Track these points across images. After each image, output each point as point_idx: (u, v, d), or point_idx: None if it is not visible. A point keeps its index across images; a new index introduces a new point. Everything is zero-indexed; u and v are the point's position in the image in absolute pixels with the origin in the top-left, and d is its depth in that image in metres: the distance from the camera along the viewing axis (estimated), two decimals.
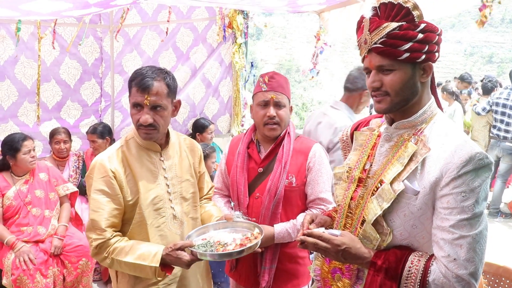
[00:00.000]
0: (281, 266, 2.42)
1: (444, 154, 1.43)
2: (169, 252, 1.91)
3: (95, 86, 4.98)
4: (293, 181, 2.37)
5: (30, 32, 4.32)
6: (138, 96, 1.96)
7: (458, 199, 1.37)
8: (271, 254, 2.40)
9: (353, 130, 1.91)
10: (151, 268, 1.91)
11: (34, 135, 4.31)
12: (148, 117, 1.96)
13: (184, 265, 1.91)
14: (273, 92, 2.39)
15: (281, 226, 2.35)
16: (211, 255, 1.92)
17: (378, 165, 1.63)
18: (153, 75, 1.96)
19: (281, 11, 4.30)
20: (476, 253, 1.37)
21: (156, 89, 1.96)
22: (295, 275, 2.46)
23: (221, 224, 2.22)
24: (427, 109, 1.55)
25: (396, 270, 1.45)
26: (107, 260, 1.97)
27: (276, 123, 2.39)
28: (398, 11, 1.45)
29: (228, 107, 5.62)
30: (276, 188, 2.35)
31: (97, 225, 1.96)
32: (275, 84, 2.40)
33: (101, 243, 1.96)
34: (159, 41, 5.09)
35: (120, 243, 1.97)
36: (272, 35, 46.45)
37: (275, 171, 2.37)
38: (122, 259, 1.94)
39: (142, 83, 1.94)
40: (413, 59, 1.46)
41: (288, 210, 2.41)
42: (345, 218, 1.71)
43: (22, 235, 3.55)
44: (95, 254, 2.00)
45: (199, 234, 2.15)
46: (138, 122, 1.99)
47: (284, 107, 2.41)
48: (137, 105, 1.98)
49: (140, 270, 1.94)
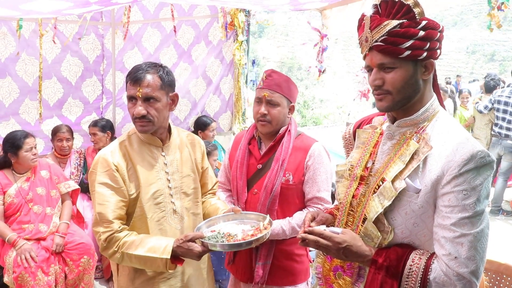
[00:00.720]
0: (277, 263, 2.43)
1: (446, 152, 1.42)
2: (180, 244, 1.91)
3: (96, 83, 4.98)
4: (290, 178, 2.38)
5: (31, 29, 4.33)
6: (131, 89, 2.00)
7: (459, 197, 1.37)
8: (265, 250, 2.41)
9: (356, 128, 1.91)
10: (162, 260, 1.91)
11: (36, 132, 4.32)
12: (141, 109, 1.99)
13: (195, 256, 1.92)
14: (267, 90, 2.40)
15: (276, 223, 2.36)
16: (221, 246, 1.92)
17: (380, 163, 1.62)
18: (146, 68, 2.01)
19: (283, 9, 4.29)
20: (477, 252, 1.36)
21: (148, 81, 1.99)
22: (291, 272, 2.47)
23: (230, 216, 2.22)
24: (429, 107, 1.55)
25: (397, 268, 1.45)
26: (117, 255, 1.97)
27: (266, 120, 2.40)
28: (399, 9, 1.44)
29: (229, 105, 5.62)
30: (272, 185, 2.36)
31: (104, 218, 1.96)
32: (271, 82, 2.41)
33: (110, 235, 1.95)
34: (160, 38, 5.09)
35: (130, 237, 1.97)
36: (274, 33, 46.45)
37: (273, 168, 2.39)
38: (133, 252, 1.93)
39: (135, 76, 1.98)
40: (415, 57, 1.45)
41: (284, 208, 2.42)
42: (347, 216, 1.70)
43: (23, 232, 3.55)
44: (104, 249, 1.99)
45: (208, 226, 2.16)
46: (133, 115, 2.03)
47: (278, 106, 2.40)
48: (132, 98, 2.02)
49: (151, 263, 1.94)
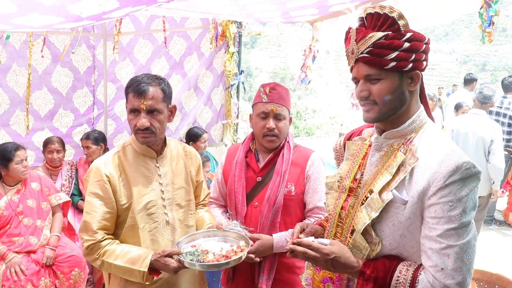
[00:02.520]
0: (278, 276, 2.42)
1: (432, 163, 1.43)
2: (157, 258, 1.97)
3: (87, 94, 4.96)
4: (292, 189, 2.38)
5: (22, 40, 4.31)
6: (135, 101, 2.03)
7: (445, 209, 1.37)
8: (269, 264, 2.39)
9: (346, 140, 1.92)
10: (140, 272, 1.98)
11: (26, 144, 4.29)
12: (145, 121, 2.03)
13: (171, 271, 1.97)
14: (274, 104, 2.39)
15: (280, 235, 2.35)
16: (200, 265, 1.94)
17: (369, 175, 1.63)
18: (148, 81, 2.05)
19: (275, 21, 4.32)
20: (463, 263, 1.37)
21: (152, 94, 2.03)
22: (292, 285, 2.44)
23: (211, 232, 2.23)
24: (416, 118, 1.56)
25: (385, 280, 1.45)
26: (97, 262, 2.06)
27: (275, 135, 2.40)
28: (384, 21, 1.46)
29: (220, 116, 5.62)
30: (275, 197, 2.35)
31: (89, 227, 2.04)
32: (275, 96, 2.40)
33: (92, 244, 2.03)
34: (152, 49, 5.09)
35: (111, 246, 2.05)
36: (267, 44, 46.62)
37: (274, 180, 2.38)
38: (113, 261, 2.01)
39: (138, 88, 2.02)
40: (400, 68, 1.46)
41: (287, 220, 2.41)
42: (336, 228, 1.71)
43: (13, 245, 3.52)
44: (87, 255, 2.08)
45: (189, 241, 2.17)
46: (135, 127, 2.06)
47: (284, 119, 2.42)
48: (134, 110, 2.05)
49: (129, 273, 2.01)
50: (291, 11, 3.65)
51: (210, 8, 3.68)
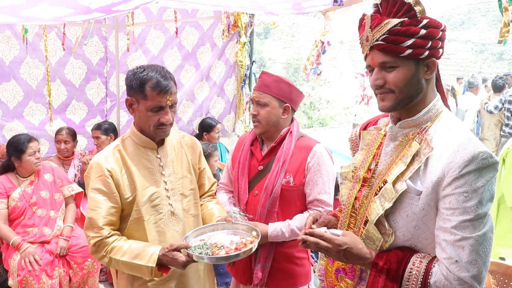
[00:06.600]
0: (277, 265, 2.42)
1: (447, 153, 1.40)
2: (165, 252, 1.93)
3: (100, 86, 4.98)
4: (290, 180, 2.36)
5: (35, 32, 4.33)
6: (160, 98, 1.98)
7: (460, 200, 1.34)
8: (265, 252, 2.40)
9: (361, 130, 1.89)
10: (148, 268, 1.93)
11: (41, 134, 4.33)
12: (171, 116, 2.05)
13: (179, 266, 1.93)
14: (257, 91, 2.44)
15: (275, 225, 2.35)
16: (208, 258, 1.92)
17: (383, 165, 1.60)
18: (165, 75, 2.00)
19: (286, 13, 4.29)
20: (479, 256, 1.33)
21: (173, 89, 2.03)
22: (292, 275, 2.45)
23: (220, 225, 2.21)
24: (432, 107, 1.52)
25: (397, 272, 1.43)
26: (105, 259, 2.01)
27: (257, 121, 2.43)
28: (400, 7, 1.42)
29: (233, 106, 5.62)
30: (272, 187, 2.35)
31: (94, 223, 1.99)
32: (260, 83, 2.44)
33: (99, 241, 1.99)
34: (164, 40, 5.08)
35: (118, 242, 2.01)
36: (280, 34, 46.36)
37: (273, 170, 2.37)
38: (120, 258, 1.97)
39: (163, 86, 1.97)
40: (416, 56, 1.43)
41: (285, 210, 2.40)
42: (349, 218, 1.69)
43: (27, 236, 3.56)
44: (93, 252, 2.04)
45: (197, 235, 2.15)
46: (157, 122, 2.03)
47: (266, 107, 2.40)
48: (159, 107, 2.01)
49: (137, 269, 1.96)
50: (303, 1, 3.61)
51: (221, 1, 3.65)
